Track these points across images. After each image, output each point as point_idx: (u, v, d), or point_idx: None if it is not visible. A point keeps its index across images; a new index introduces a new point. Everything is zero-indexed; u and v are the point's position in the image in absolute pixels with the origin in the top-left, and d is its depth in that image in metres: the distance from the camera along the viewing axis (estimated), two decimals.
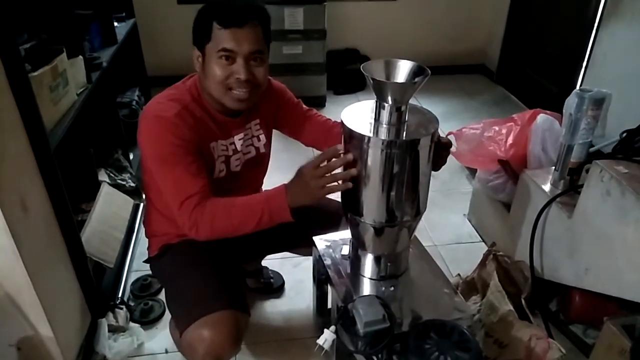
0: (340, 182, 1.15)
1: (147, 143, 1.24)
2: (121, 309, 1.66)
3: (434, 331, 1.11)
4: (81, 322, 1.54)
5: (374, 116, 1.13)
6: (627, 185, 1.31)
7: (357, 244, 1.31)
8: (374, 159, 1.10)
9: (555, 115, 1.82)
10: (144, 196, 2.10)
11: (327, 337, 1.18)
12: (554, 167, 1.68)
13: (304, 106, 1.50)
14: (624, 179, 1.33)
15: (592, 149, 1.65)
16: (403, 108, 1.10)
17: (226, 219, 1.21)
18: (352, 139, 1.11)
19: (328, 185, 1.14)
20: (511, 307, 1.51)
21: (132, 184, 2.19)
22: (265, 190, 1.23)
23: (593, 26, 2.63)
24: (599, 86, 1.53)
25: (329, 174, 1.14)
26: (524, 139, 1.82)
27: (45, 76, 1.44)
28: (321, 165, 1.15)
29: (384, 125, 1.11)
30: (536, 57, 3.38)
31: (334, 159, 1.15)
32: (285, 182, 1.22)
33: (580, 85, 2.74)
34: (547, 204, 1.61)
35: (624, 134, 1.62)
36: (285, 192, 1.18)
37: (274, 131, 1.51)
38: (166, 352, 1.59)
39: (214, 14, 1.18)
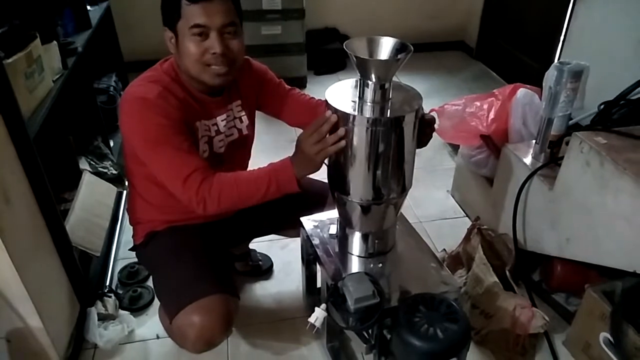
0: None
1: (132, 127, 1.21)
2: (110, 297, 1.65)
3: (422, 305, 1.13)
4: (70, 312, 1.53)
5: (358, 94, 1.13)
6: (606, 156, 1.34)
7: (345, 222, 1.32)
8: (359, 137, 1.10)
9: (534, 89, 1.84)
10: (126, 183, 2.08)
11: (318, 315, 1.19)
12: (534, 141, 1.71)
13: (286, 86, 1.49)
14: (603, 150, 1.36)
15: (571, 122, 1.68)
16: (387, 85, 1.10)
17: (233, 193, 1.19)
18: (337, 117, 1.11)
19: (323, 149, 1.12)
20: (496, 279, 1.55)
21: (114, 172, 2.16)
22: (270, 163, 1.22)
23: (570, 0, 2.64)
24: (577, 59, 1.54)
25: (321, 140, 1.12)
26: (505, 114, 1.83)
27: (20, 63, 1.40)
28: (313, 133, 1.13)
29: (368, 103, 1.11)
30: (514, 33, 3.39)
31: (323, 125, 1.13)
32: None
33: (558, 59, 2.76)
34: (529, 177, 1.64)
35: (602, 106, 1.65)
36: (291, 164, 1.18)
37: (257, 113, 1.50)
38: (157, 337, 1.59)
39: None
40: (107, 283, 1.75)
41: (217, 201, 1.18)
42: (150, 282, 1.76)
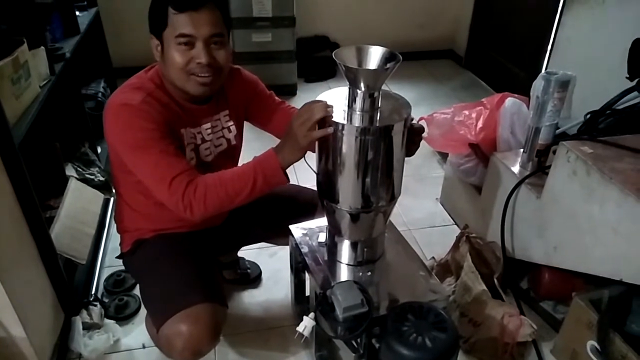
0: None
1: (116, 133, 1.19)
2: (95, 305, 1.63)
3: (411, 313, 1.13)
4: (54, 321, 1.51)
5: (347, 103, 1.13)
6: (592, 165, 1.35)
7: (334, 230, 1.31)
8: (348, 145, 1.10)
9: (522, 99, 1.86)
10: (114, 190, 2.06)
11: (306, 324, 1.19)
12: (522, 150, 1.72)
13: (277, 98, 1.48)
14: (589, 159, 1.37)
15: (558, 131, 1.69)
16: (376, 94, 1.10)
17: (219, 192, 1.16)
18: (327, 126, 1.11)
19: (313, 132, 1.09)
20: (484, 287, 1.55)
21: (101, 178, 2.14)
22: (254, 157, 1.20)
23: (557, 10, 2.68)
24: (564, 69, 1.56)
25: (310, 119, 1.09)
26: (493, 123, 1.85)
27: (6, 68, 1.39)
28: (304, 113, 1.10)
29: (358, 112, 1.11)
30: (503, 42, 3.43)
31: (314, 105, 1.11)
32: None
33: (546, 69, 2.79)
34: (517, 186, 1.65)
35: (588, 115, 1.67)
36: (275, 153, 1.16)
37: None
38: (143, 347, 1.57)
39: None
40: (93, 291, 1.72)
41: (204, 203, 1.15)
42: (136, 291, 1.74)
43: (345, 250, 1.33)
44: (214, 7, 1.17)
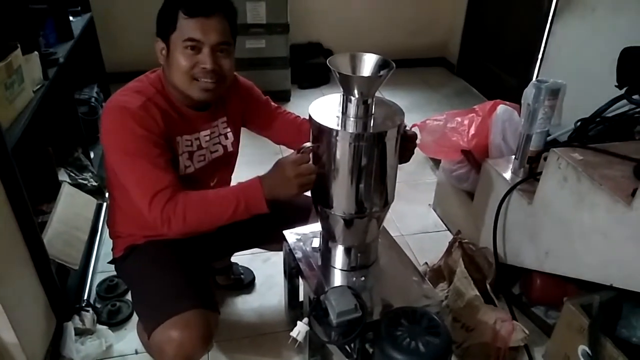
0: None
1: (110, 135, 1.19)
2: (87, 311, 1.62)
3: (404, 318, 1.14)
4: (46, 327, 1.50)
5: (341, 110, 1.14)
6: (583, 172, 1.37)
7: (328, 236, 1.32)
8: (342, 151, 1.11)
9: (514, 106, 1.88)
10: (107, 195, 2.05)
11: (300, 329, 1.19)
12: (514, 156, 1.74)
13: (273, 103, 1.49)
14: (580, 166, 1.39)
15: (549, 138, 1.71)
16: (369, 101, 1.11)
17: (199, 212, 1.17)
18: (321, 132, 1.12)
19: (305, 175, 1.15)
20: (477, 292, 1.56)
21: (94, 184, 2.13)
22: (239, 183, 1.21)
23: (547, 19, 2.71)
24: (554, 77, 1.58)
25: (308, 172, 1.16)
26: (485, 130, 1.87)
27: (0, 73, 1.38)
28: (303, 163, 1.16)
29: (351, 119, 1.12)
30: (494, 50, 3.47)
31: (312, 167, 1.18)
32: (252, 176, 1.20)
33: (537, 77, 2.83)
34: (509, 192, 1.67)
35: (579, 123, 1.69)
36: (261, 183, 1.17)
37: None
38: (136, 352, 1.56)
39: (180, 3, 1.15)
40: (85, 297, 1.71)
41: (183, 221, 1.16)
42: (129, 296, 1.73)
43: (339, 256, 1.33)
44: (223, 17, 1.19)
